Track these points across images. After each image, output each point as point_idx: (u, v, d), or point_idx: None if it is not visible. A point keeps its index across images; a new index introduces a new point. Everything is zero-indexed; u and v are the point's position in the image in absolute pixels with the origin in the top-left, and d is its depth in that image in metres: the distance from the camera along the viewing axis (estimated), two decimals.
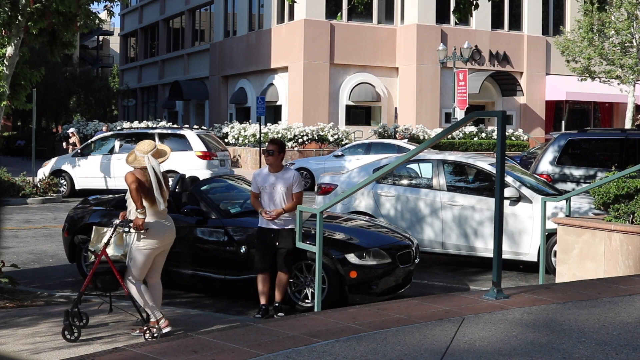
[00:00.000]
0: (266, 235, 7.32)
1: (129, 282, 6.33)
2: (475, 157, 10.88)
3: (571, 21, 34.14)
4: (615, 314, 4.37)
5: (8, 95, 10.86)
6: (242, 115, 36.70)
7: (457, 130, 26.06)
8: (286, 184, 7.35)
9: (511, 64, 34.84)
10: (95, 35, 68.31)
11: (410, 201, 10.32)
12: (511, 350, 3.58)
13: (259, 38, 35.57)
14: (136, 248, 6.34)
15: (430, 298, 4.87)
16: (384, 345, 3.62)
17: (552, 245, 8.99)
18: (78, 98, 53.69)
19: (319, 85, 32.04)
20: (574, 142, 12.72)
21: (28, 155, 31.92)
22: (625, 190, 7.58)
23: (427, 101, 32.74)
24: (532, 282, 9.19)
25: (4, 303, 7.63)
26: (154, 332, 6.21)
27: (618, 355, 3.55)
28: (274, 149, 7.37)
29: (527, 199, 9.59)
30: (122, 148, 18.93)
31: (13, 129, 57.05)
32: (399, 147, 21.75)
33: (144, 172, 6.33)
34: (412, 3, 32.80)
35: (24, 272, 9.45)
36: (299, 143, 28.82)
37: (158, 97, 48.29)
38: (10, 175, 18.94)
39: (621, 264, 7.06)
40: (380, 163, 11.05)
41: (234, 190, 9.52)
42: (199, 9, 43.63)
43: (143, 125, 30.78)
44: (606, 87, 31.51)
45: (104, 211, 8.99)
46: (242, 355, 3.44)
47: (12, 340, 6.15)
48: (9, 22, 9.83)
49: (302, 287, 7.69)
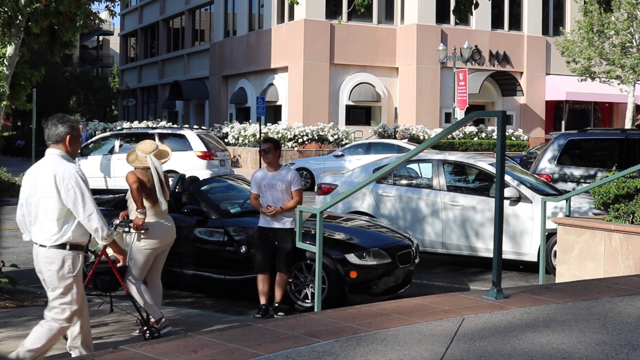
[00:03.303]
0: (266, 235, 7.32)
1: (129, 282, 6.33)
2: (476, 157, 10.87)
3: (571, 21, 34.14)
4: (615, 314, 4.37)
5: (8, 95, 10.85)
6: (242, 115, 36.70)
7: (457, 130, 26.05)
8: (285, 182, 7.36)
9: (511, 64, 34.84)
10: (95, 35, 68.27)
11: (411, 201, 10.31)
12: (511, 350, 3.58)
13: (259, 38, 35.56)
14: (136, 248, 6.34)
15: (430, 298, 4.87)
16: (384, 345, 3.62)
17: (552, 245, 8.99)
18: (78, 98, 53.69)
19: (319, 85, 32.04)
20: (574, 142, 12.71)
21: (28, 155, 31.89)
22: (625, 190, 7.58)
23: (427, 101, 32.73)
24: (532, 282, 9.19)
25: (4, 303, 7.63)
26: (154, 332, 6.21)
27: (618, 355, 3.55)
28: (270, 147, 7.39)
29: (527, 199, 9.59)
30: (122, 148, 18.91)
31: (13, 129, 57.02)
32: (399, 147, 21.75)
33: (145, 172, 6.33)
34: (412, 3, 32.80)
35: (24, 272, 9.44)
36: (299, 143, 28.82)
37: (158, 97, 48.29)
38: (10, 175, 18.94)
39: (621, 264, 7.06)
40: (381, 163, 11.05)
41: (234, 190, 9.51)
42: (199, 9, 43.62)
43: (143, 125, 30.77)
44: (606, 87, 31.51)
45: (104, 211, 8.96)
46: (242, 355, 3.44)
47: (12, 340, 6.15)
48: (9, 22, 9.82)
49: (302, 287, 7.69)
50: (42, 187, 4.89)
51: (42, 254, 4.93)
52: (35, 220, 4.98)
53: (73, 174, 4.85)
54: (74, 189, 4.82)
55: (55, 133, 4.98)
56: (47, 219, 4.89)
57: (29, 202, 4.99)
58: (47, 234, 4.89)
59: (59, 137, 4.97)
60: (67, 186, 4.81)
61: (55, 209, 4.87)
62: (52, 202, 4.86)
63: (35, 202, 4.94)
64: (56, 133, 4.98)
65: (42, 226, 4.93)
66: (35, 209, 4.95)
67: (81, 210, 4.84)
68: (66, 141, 4.97)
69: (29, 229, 5.07)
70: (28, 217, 5.03)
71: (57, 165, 4.89)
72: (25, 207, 5.03)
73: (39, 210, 4.93)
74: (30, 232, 5.07)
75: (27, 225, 5.07)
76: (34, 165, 5.12)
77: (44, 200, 4.88)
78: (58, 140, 4.98)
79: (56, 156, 4.95)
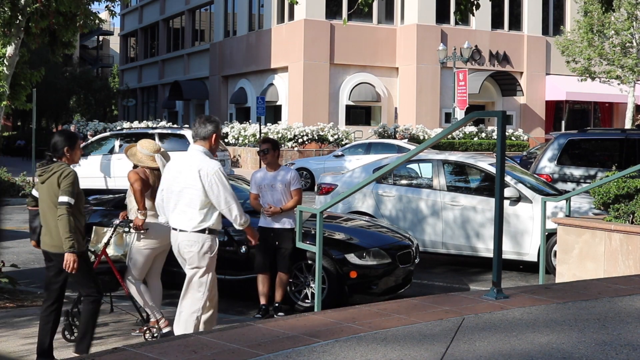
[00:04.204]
0: (266, 235, 7.32)
1: (129, 282, 6.33)
2: (476, 157, 10.88)
3: (571, 21, 34.14)
4: (615, 314, 4.37)
5: (8, 95, 10.85)
6: (242, 115, 36.70)
7: (457, 130, 26.05)
8: (284, 182, 7.36)
9: (511, 64, 34.84)
10: (95, 35, 68.31)
11: (411, 201, 10.31)
12: (511, 350, 3.58)
13: (259, 38, 35.56)
14: (136, 248, 6.34)
15: (430, 298, 4.87)
16: (384, 345, 3.62)
17: (552, 245, 8.99)
18: (78, 98, 53.67)
19: (319, 85, 32.04)
20: (574, 142, 12.71)
21: (28, 155, 31.91)
22: (625, 190, 7.58)
23: (427, 101, 32.73)
24: (532, 282, 9.19)
25: (4, 303, 7.63)
26: (154, 332, 6.21)
27: (618, 355, 3.55)
28: (268, 147, 7.40)
29: (527, 199, 9.59)
30: (122, 148, 18.91)
31: (13, 129, 57.02)
32: (399, 147, 21.75)
33: (148, 172, 6.33)
34: (412, 3, 32.80)
35: (24, 272, 9.45)
36: (299, 143, 28.82)
37: (158, 97, 48.29)
38: (10, 175, 18.93)
39: (621, 264, 7.06)
40: (381, 163, 11.05)
41: (233, 190, 9.49)
42: (199, 9, 43.63)
43: (143, 125, 30.76)
44: (606, 87, 31.51)
45: (104, 211, 8.98)
46: (242, 355, 3.43)
47: (12, 340, 6.15)
48: (9, 22, 9.82)
49: (302, 287, 7.69)
50: (185, 179, 5.50)
51: (182, 237, 5.53)
52: (174, 208, 5.57)
53: (216, 170, 5.47)
54: (217, 184, 5.44)
55: (204, 131, 5.58)
56: (189, 208, 5.49)
57: (170, 190, 5.60)
58: (190, 220, 5.48)
59: (207, 134, 5.59)
60: (211, 181, 5.43)
61: (198, 200, 5.46)
62: (196, 194, 5.46)
63: (177, 191, 5.54)
64: (205, 131, 5.59)
65: (184, 213, 5.51)
66: (177, 197, 5.55)
67: (223, 202, 5.46)
68: (212, 139, 5.61)
69: (166, 213, 5.66)
70: (167, 203, 5.63)
71: (201, 161, 5.50)
72: (166, 193, 5.64)
73: (180, 199, 5.53)
74: (166, 216, 5.68)
75: (165, 209, 5.67)
76: (177, 157, 5.80)
77: (188, 192, 5.49)
78: (205, 137, 5.59)
79: (200, 152, 5.56)
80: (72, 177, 5.32)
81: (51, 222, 5.39)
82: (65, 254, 5.25)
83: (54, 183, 5.32)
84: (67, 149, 5.47)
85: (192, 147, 5.63)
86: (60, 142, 5.47)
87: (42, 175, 5.43)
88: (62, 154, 5.46)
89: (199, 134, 5.59)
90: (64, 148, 5.44)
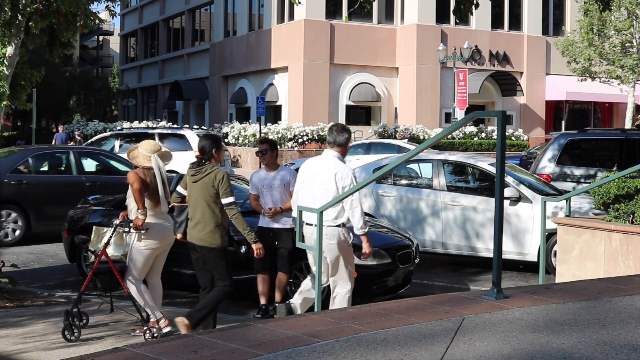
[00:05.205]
0: (266, 235, 7.32)
1: (129, 282, 6.33)
2: (476, 157, 10.88)
3: (571, 21, 34.16)
4: (615, 314, 4.36)
5: (8, 95, 10.83)
6: (242, 115, 36.70)
7: (457, 130, 26.05)
8: (284, 182, 7.36)
9: (511, 64, 34.84)
10: (95, 35, 68.25)
11: (411, 201, 10.32)
12: (511, 350, 3.58)
13: (259, 38, 35.56)
14: (136, 248, 6.34)
15: (430, 298, 4.87)
16: (384, 345, 3.62)
17: (552, 245, 8.99)
18: (78, 98, 53.62)
19: (319, 85, 32.04)
20: (574, 142, 12.71)
21: None
22: (625, 190, 7.58)
23: (427, 101, 32.73)
24: (532, 282, 9.19)
25: (4, 303, 7.63)
26: (154, 332, 6.21)
27: (618, 355, 3.55)
28: (266, 148, 7.40)
29: (527, 199, 9.59)
30: (122, 148, 18.90)
31: (13, 129, 56.97)
32: (399, 147, 21.75)
33: (146, 172, 6.32)
34: (412, 3, 32.79)
35: (24, 272, 9.45)
36: (299, 143, 28.81)
37: (158, 97, 48.28)
38: None
39: (621, 264, 7.06)
40: (381, 163, 11.05)
41: (233, 190, 9.49)
42: (199, 9, 43.62)
43: (143, 125, 30.75)
44: (606, 87, 31.51)
45: (104, 211, 8.99)
46: (242, 355, 3.43)
47: (12, 340, 6.15)
48: (9, 22, 9.81)
49: None
50: (321, 180, 6.20)
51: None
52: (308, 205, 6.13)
53: (350, 174, 6.19)
54: (349, 186, 6.09)
55: (341, 138, 6.31)
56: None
57: (303, 189, 6.34)
58: (325, 216, 5.94)
59: (343, 141, 6.31)
60: (345, 183, 6.13)
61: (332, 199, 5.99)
62: (331, 194, 6.10)
63: (311, 191, 6.23)
64: (342, 138, 6.31)
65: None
66: (310, 196, 6.21)
67: (349, 204, 6.05)
68: (346, 146, 6.34)
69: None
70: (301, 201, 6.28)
71: (337, 165, 6.22)
72: (302, 192, 6.36)
73: (314, 198, 6.16)
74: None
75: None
76: (312, 159, 6.51)
77: (322, 192, 6.15)
78: (342, 144, 6.30)
79: (335, 157, 6.28)
80: (228, 178, 6.02)
81: (200, 217, 5.99)
82: (253, 245, 6.14)
83: (208, 183, 5.96)
84: (215, 151, 6.10)
85: (328, 152, 6.31)
86: (208, 145, 6.09)
87: (195, 175, 6.05)
88: (210, 155, 6.09)
89: (336, 141, 6.26)
90: (211, 150, 6.08)
